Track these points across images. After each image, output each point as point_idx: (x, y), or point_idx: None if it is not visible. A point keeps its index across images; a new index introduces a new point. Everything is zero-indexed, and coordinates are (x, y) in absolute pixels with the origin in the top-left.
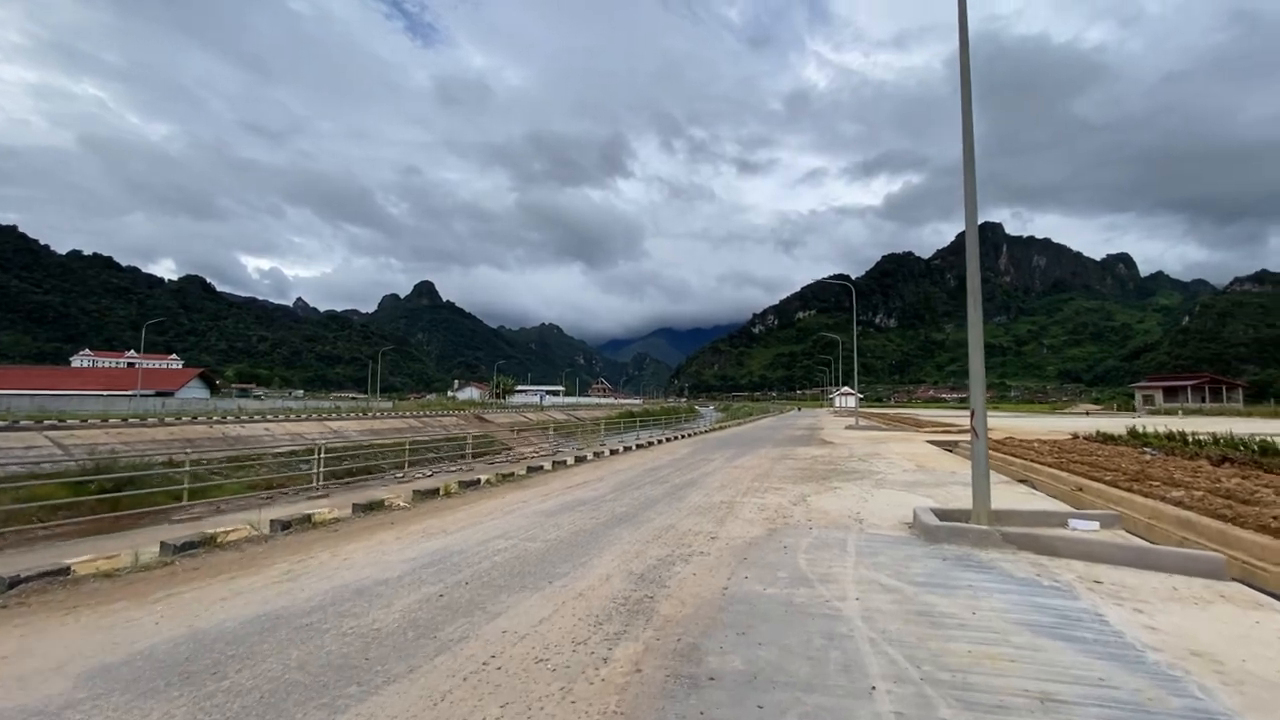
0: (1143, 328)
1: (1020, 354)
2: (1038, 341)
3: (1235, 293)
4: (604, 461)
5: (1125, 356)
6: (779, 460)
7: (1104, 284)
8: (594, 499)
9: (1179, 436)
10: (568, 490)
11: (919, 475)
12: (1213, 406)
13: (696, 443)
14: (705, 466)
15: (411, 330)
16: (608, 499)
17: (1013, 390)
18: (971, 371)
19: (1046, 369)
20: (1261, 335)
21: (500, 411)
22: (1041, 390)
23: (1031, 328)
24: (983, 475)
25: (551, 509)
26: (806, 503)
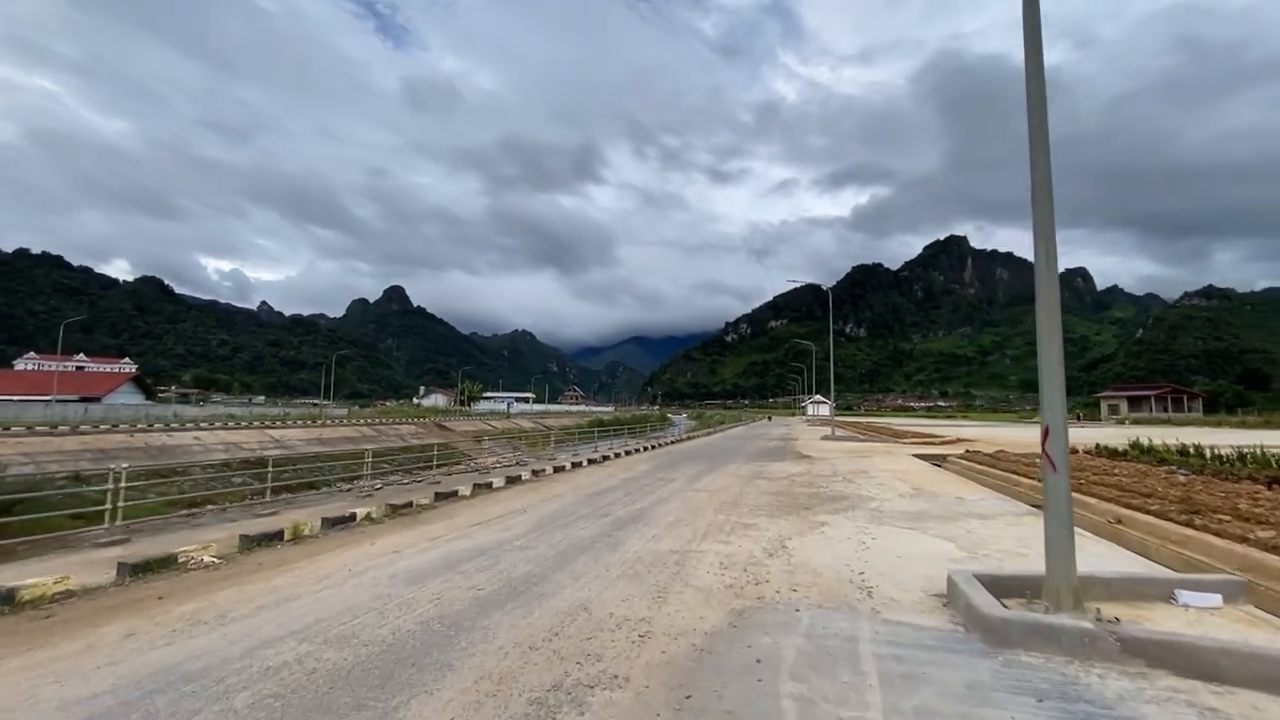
0: (1100, 340)
1: (984, 364)
2: (1001, 352)
3: (1185, 306)
4: (543, 482)
5: (1083, 367)
6: (750, 481)
7: (1064, 296)
8: (496, 546)
9: (1197, 452)
10: (470, 530)
11: (920, 503)
12: (1179, 416)
13: (661, 456)
14: (662, 489)
15: (381, 336)
16: (515, 546)
17: (978, 399)
18: (1044, 382)
19: (1009, 378)
20: (1210, 347)
21: (464, 419)
22: (1005, 399)
23: (995, 338)
24: (1065, 532)
25: (424, 567)
26: (787, 552)
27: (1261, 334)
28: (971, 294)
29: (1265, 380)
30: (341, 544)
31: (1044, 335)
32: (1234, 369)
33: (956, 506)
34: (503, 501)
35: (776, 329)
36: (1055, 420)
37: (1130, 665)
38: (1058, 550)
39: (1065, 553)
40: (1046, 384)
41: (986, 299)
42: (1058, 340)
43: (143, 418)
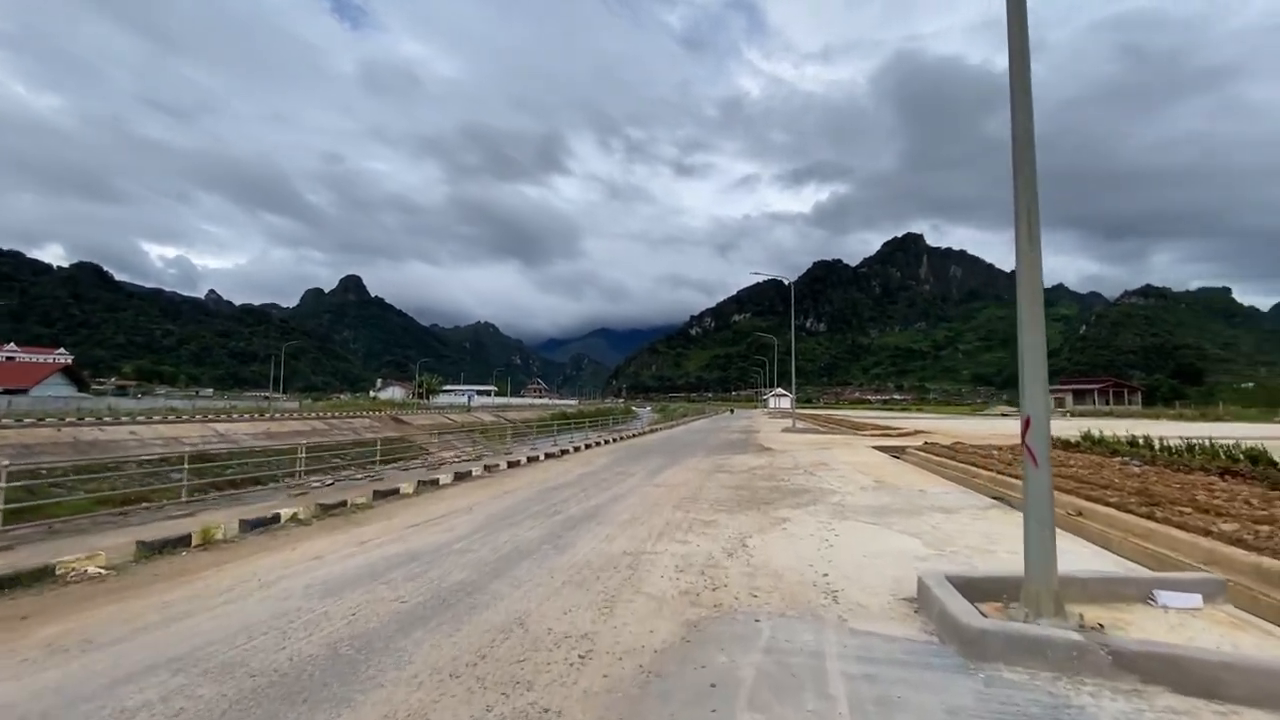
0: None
1: (938, 358)
2: (954, 347)
3: (1125, 305)
4: (495, 478)
5: None
6: (711, 474)
7: (1013, 294)
8: (432, 550)
9: (1146, 443)
10: (406, 532)
11: (883, 496)
12: (1121, 409)
13: (622, 449)
14: (620, 484)
15: (337, 327)
16: (453, 550)
17: (931, 392)
18: (1025, 370)
19: (961, 373)
20: (1147, 344)
21: (422, 412)
22: (958, 393)
23: (948, 334)
24: (1047, 532)
25: (346, 576)
26: (747, 551)
27: (1194, 331)
28: (927, 290)
29: (1198, 375)
30: (258, 549)
31: (1025, 319)
32: (1169, 364)
33: (919, 500)
34: (448, 499)
35: (740, 323)
36: (1037, 411)
37: (1124, 681)
38: (1038, 551)
39: (1046, 554)
40: (1028, 372)
41: (941, 295)
42: (1040, 325)
43: (73, 411)
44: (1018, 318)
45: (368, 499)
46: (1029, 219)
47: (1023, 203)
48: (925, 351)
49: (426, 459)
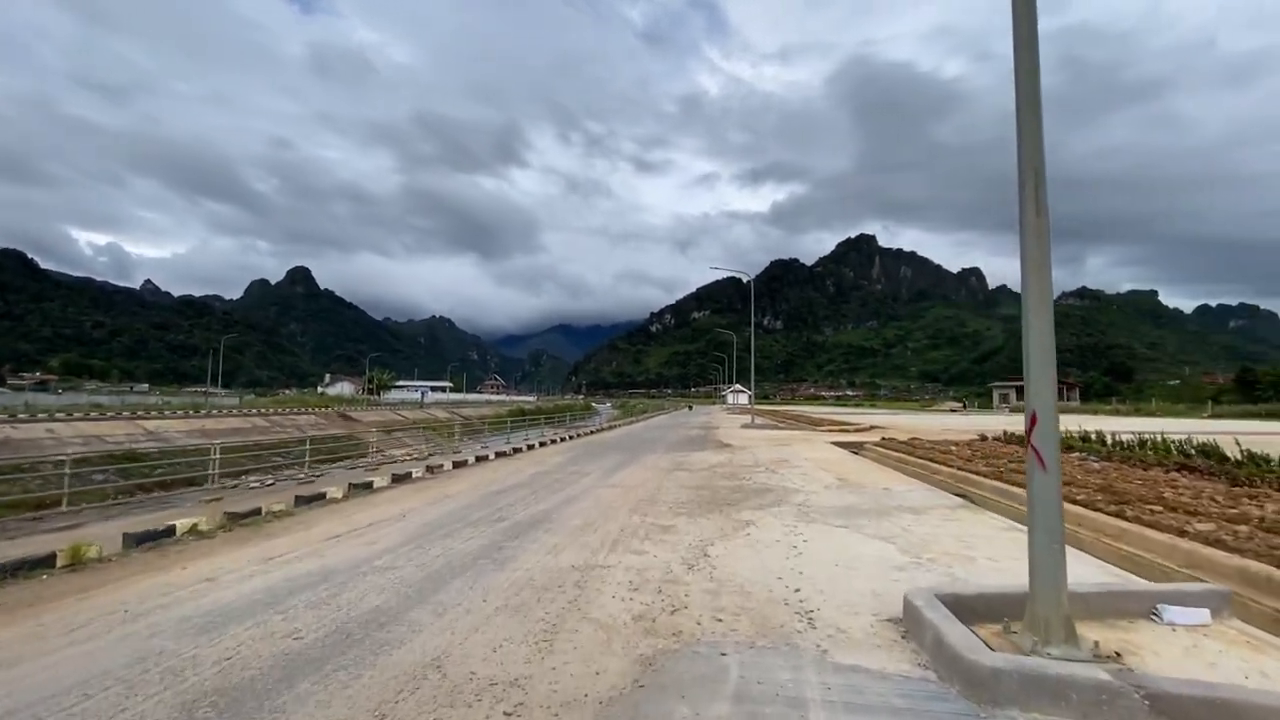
0: (990, 334)
1: (888, 356)
2: (903, 345)
3: (1062, 305)
4: (438, 480)
5: (976, 359)
6: (670, 473)
7: (959, 294)
8: (350, 568)
9: (1098, 438)
10: (324, 545)
11: (848, 495)
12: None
13: (579, 446)
14: (573, 485)
15: (284, 320)
16: (374, 567)
17: (882, 389)
18: (1032, 357)
19: (910, 370)
20: (1083, 343)
21: (372, 409)
22: (907, 389)
23: (898, 332)
24: (1056, 546)
25: (237, 603)
26: (709, 562)
27: (1125, 332)
28: (878, 290)
29: (1129, 373)
30: (140, 570)
31: (1032, 300)
32: (1103, 362)
33: (885, 499)
34: (380, 505)
35: (699, 320)
36: (1044, 407)
37: None
38: (1047, 569)
39: (1055, 572)
40: (1034, 361)
41: (891, 295)
42: (1048, 307)
43: None
44: (1023, 298)
45: (287, 505)
46: (1035, 184)
47: (1028, 166)
48: (876, 349)
49: (375, 458)
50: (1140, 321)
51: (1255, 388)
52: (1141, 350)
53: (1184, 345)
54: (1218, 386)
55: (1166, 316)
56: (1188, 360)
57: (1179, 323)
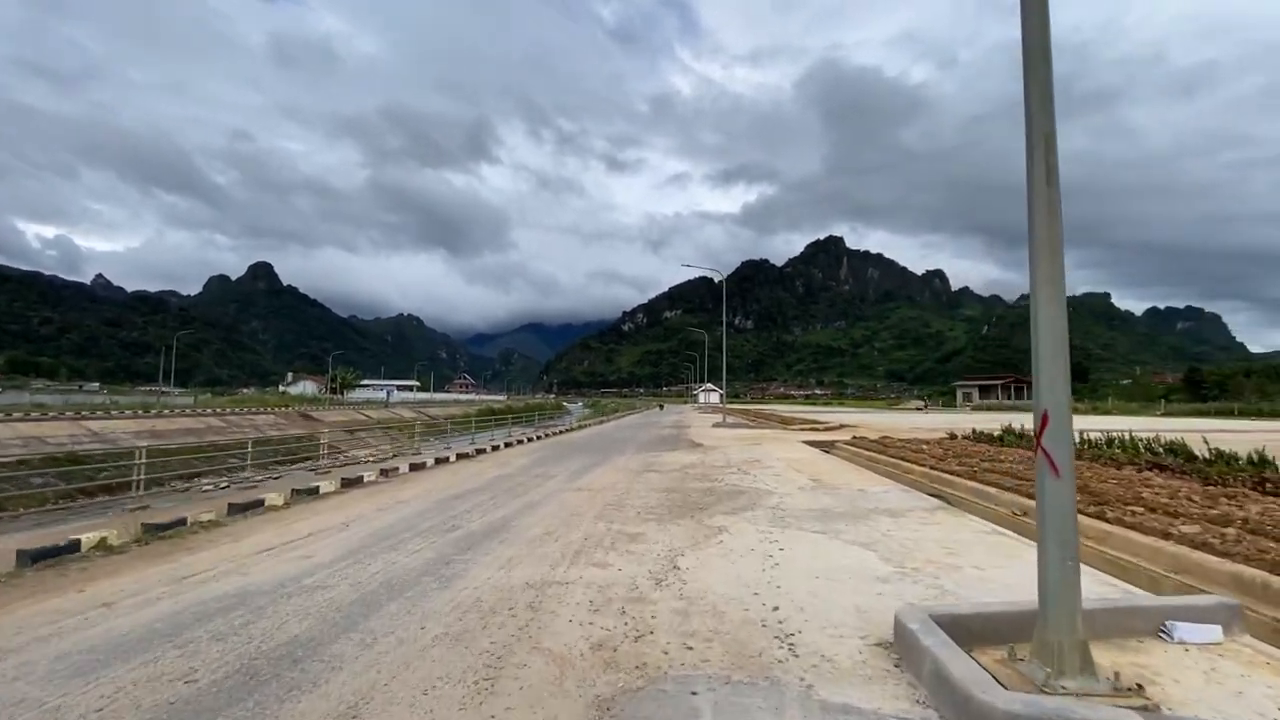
0: (953, 335)
1: (856, 355)
2: (870, 345)
3: (1021, 307)
4: (392, 484)
5: (939, 359)
6: (639, 475)
7: (923, 295)
8: (274, 588)
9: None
10: (250, 561)
11: (823, 497)
12: (1023, 403)
13: (548, 447)
14: (537, 489)
15: (245, 317)
16: (302, 587)
17: (849, 388)
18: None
19: (877, 369)
20: None
21: (335, 408)
22: (873, 388)
23: (865, 332)
24: (1071, 564)
25: (128, 635)
26: (679, 574)
27: (1080, 333)
28: (846, 291)
29: (1084, 373)
30: (29, 593)
31: (1042, 281)
32: None
33: (861, 501)
34: (324, 513)
35: (671, 319)
36: (1057, 404)
37: None
38: (1060, 588)
39: (1070, 593)
40: (1045, 351)
41: (859, 296)
42: (1061, 292)
43: None
44: (1031, 281)
45: (218, 514)
46: (1046, 149)
47: (1038, 129)
48: (844, 349)
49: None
50: (1095, 323)
51: (1202, 387)
52: (1096, 350)
53: (1135, 346)
54: (1167, 385)
55: (1119, 318)
56: (1139, 360)
57: (1130, 324)
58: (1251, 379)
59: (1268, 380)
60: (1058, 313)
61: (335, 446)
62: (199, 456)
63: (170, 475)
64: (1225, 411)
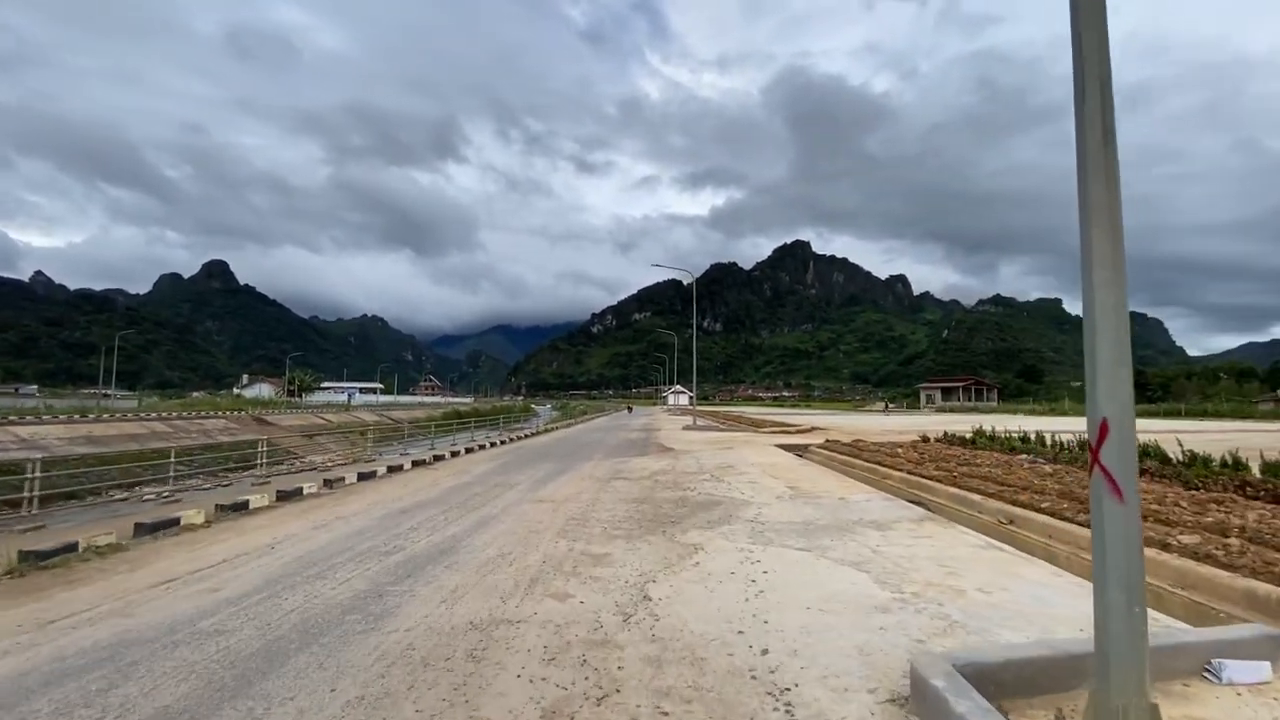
0: (914, 338)
1: (822, 358)
2: (836, 348)
3: (979, 312)
4: (336, 495)
5: (902, 362)
6: (607, 483)
7: (887, 300)
8: (164, 633)
9: (1038, 439)
10: (145, 597)
11: (803, 507)
12: (984, 405)
13: (511, 452)
14: (495, 501)
15: (198, 317)
16: (198, 631)
17: (816, 390)
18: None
19: (842, 372)
20: (997, 346)
21: (292, 412)
22: (839, 390)
23: (831, 335)
24: (1138, 609)
25: None
26: (650, 607)
27: (1035, 337)
28: (813, 295)
29: (1039, 375)
30: None
31: (1100, 267)
32: (1015, 365)
33: (844, 511)
34: (249, 533)
35: (640, 321)
36: (1119, 412)
37: None
38: (1126, 641)
39: (1136, 644)
40: (1105, 350)
41: (825, 300)
42: (1121, 271)
43: None
44: (1084, 265)
45: (120, 537)
46: (1101, 98)
47: (1091, 73)
48: (810, 352)
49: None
50: (1047, 327)
51: (1147, 388)
52: (1048, 354)
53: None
54: None
55: (1070, 323)
56: None
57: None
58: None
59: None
60: (1118, 306)
61: (293, 452)
62: (143, 465)
63: (89, 488)
64: (1173, 412)
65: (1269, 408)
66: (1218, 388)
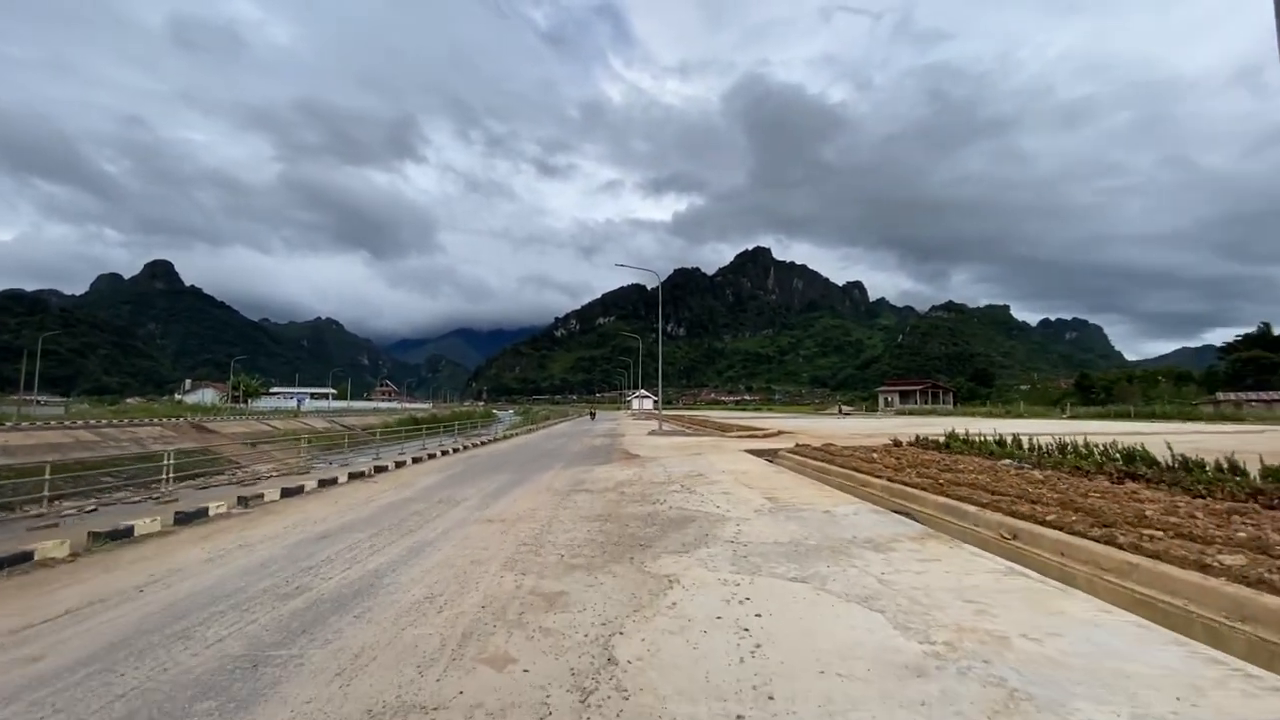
0: (871, 343)
1: (782, 363)
2: (795, 352)
3: (932, 317)
4: (251, 515)
5: (859, 366)
6: (567, 497)
7: (844, 305)
8: None
9: (1015, 442)
10: None
11: (786, 522)
12: (943, 407)
13: (464, 461)
14: (436, 521)
15: (140, 319)
16: None
17: (777, 394)
18: None
19: (802, 376)
20: (950, 351)
21: (236, 419)
22: (799, 394)
23: (791, 340)
24: None
25: None
26: (616, 677)
27: (984, 341)
28: (773, 300)
29: (990, 378)
30: None
31: None
32: (967, 368)
33: (832, 527)
34: (118, 569)
35: (604, 326)
36: None
37: None
38: None
39: None
40: None
41: (785, 305)
42: None
43: None
44: None
45: None
46: None
47: None
48: (771, 356)
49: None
50: (996, 333)
51: (1091, 391)
52: (997, 358)
53: (1030, 354)
54: (1061, 390)
55: (1017, 328)
56: (1034, 367)
57: (1027, 334)
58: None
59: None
60: None
61: (235, 461)
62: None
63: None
64: (1123, 414)
65: (1211, 410)
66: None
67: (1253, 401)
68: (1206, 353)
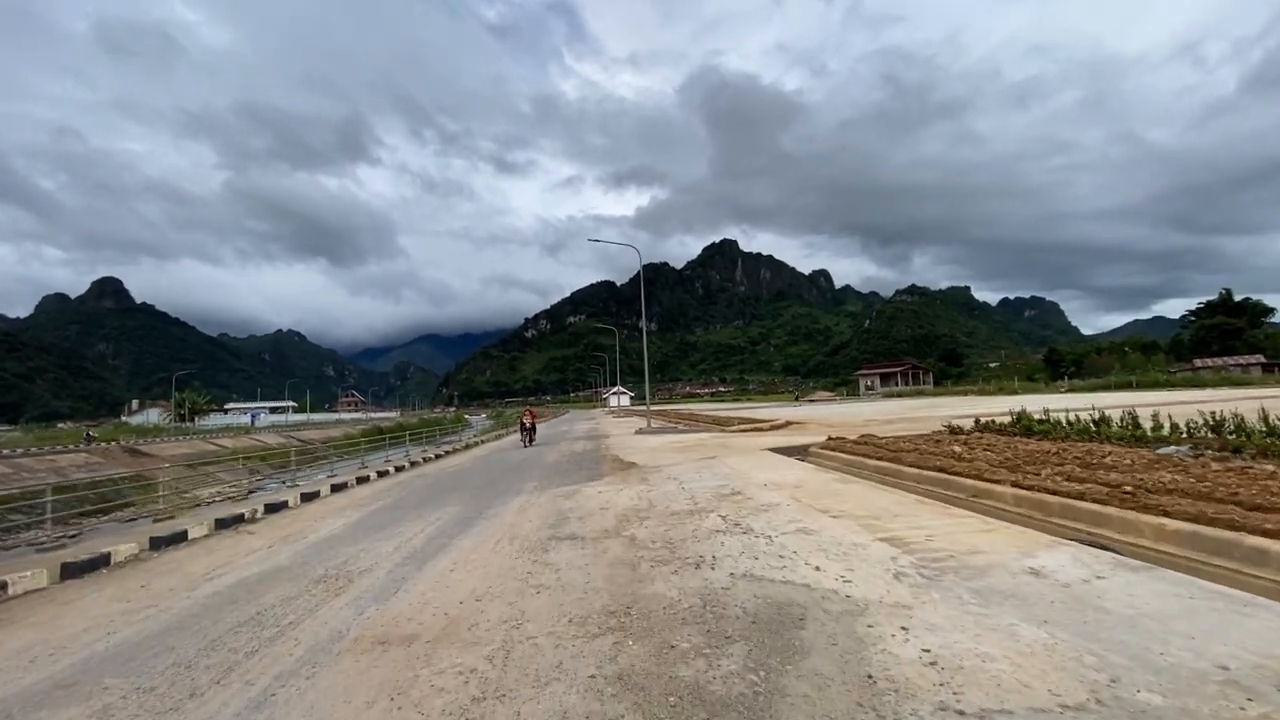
0: (839, 329)
1: (754, 352)
2: (766, 342)
3: (897, 301)
4: (106, 575)
5: (828, 353)
6: (545, 549)
7: (811, 294)
8: None
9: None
10: None
11: (996, 612)
12: (928, 389)
13: (408, 483)
14: (273, 650)
15: (89, 340)
16: None
17: (751, 384)
18: None
19: (774, 364)
20: (916, 334)
21: (180, 439)
22: (773, 383)
23: (761, 330)
24: None
25: None
26: None
27: (948, 323)
28: (742, 291)
29: (959, 358)
30: None
31: None
32: (935, 350)
33: (1091, 615)
34: None
35: (575, 324)
36: None
37: None
38: None
39: None
40: None
41: (754, 295)
42: None
43: None
44: None
45: None
46: None
47: None
48: (743, 347)
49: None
50: (959, 314)
51: (1060, 365)
52: (961, 338)
53: (992, 333)
54: (1030, 365)
55: (978, 308)
56: (997, 345)
57: (988, 314)
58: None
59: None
60: None
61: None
62: None
63: None
64: (1123, 384)
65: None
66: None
67: (1231, 366)
68: (1158, 324)
